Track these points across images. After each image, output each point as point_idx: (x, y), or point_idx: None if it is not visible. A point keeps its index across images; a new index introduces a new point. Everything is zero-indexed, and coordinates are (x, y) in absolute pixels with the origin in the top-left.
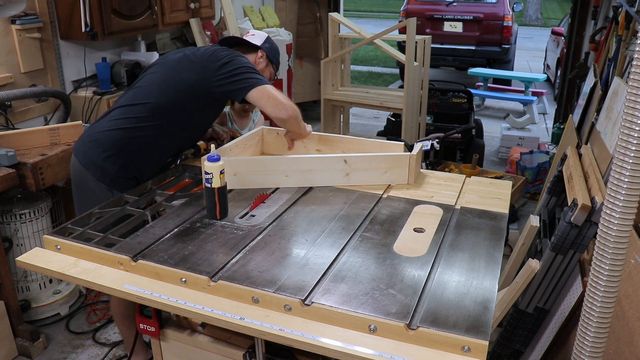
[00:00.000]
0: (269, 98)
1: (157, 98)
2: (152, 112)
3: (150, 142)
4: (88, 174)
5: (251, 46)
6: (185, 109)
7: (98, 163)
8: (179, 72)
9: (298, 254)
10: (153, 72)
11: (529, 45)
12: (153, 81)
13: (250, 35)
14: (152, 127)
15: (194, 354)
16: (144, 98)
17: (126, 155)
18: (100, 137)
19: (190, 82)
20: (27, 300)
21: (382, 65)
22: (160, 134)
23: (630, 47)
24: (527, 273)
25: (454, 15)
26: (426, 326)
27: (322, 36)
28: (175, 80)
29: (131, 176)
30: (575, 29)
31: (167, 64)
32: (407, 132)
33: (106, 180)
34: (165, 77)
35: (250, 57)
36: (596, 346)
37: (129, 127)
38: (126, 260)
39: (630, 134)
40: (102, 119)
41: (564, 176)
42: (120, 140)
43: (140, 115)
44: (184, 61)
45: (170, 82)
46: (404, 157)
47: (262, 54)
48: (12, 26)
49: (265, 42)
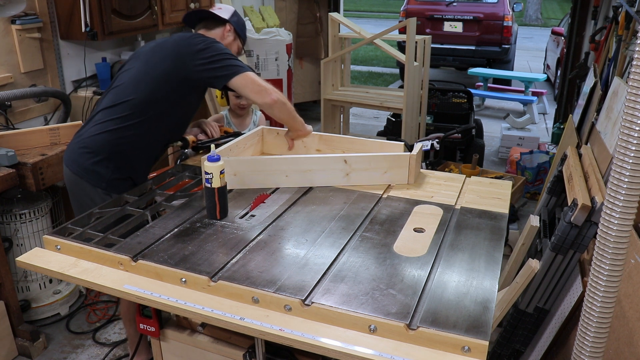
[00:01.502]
0: (253, 84)
1: (137, 94)
2: (134, 109)
3: (138, 140)
4: (83, 181)
5: (219, 20)
6: (166, 100)
7: (91, 169)
8: (154, 63)
9: (298, 254)
10: (129, 69)
11: (529, 45)
12: (131, 77)
13: (217, 9)
14: (137, 124)
15: (194, 354)
16: (124, 96)
17: (117, 157)
18: (89, 143)
19: (167, 70)
20: (27, 300)
21: (382, 65)
22: (147, 130)
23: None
24: (527, 273)
25: (454, 15)
26: (426, 326)
27: (322, 36)
28: (152, 71)
29: (126, 176)
30: (575, 29)
31: (141, 57)
32: (407, 132)
33: (102, 184)
34: (141, 70)
35: (217, 31)
36: (596, 346)
37: (114, 128)
38: (126, 260)
39: (630, 134)
40: (87, 125)
41: (564, 176)
42: (108, 143)
43: (124, 115)
44: (157, 51)
45: (147, 75)
46: (404, 157)
47: (230, 27)
48: (12, 26)
49: (232, 15)
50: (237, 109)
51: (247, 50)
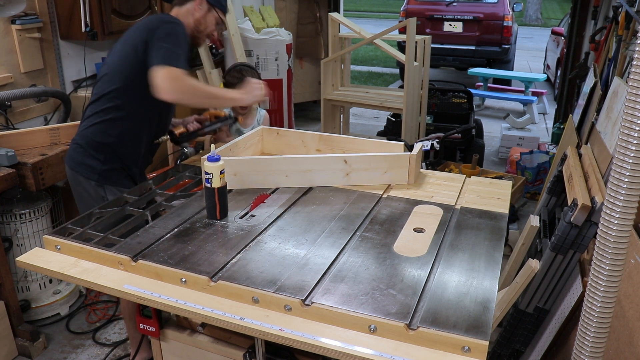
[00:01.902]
0: (163, 79)
1: (115, 84)
2: (115, 100)
3: (123, 130)
4: (77, 175)
5: None
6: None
7: (83, 162)
8: (126, 52)
9: (298, 254)
10: (107, 61)
11: (529, 45)
12: (109, 69)
13: None
14: (120, 115)
15: (194, 354)
16: (105, 88)
17: (105, 149)
18: (79, 139)
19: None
20: (27, 300)
21: (382, 65)
22: (129, 118)
23: (630, 47)
24: (527, 273)
25: (454, 15)
26: (426, 326)
27: (322, 36)
28: (125, 60)
29: (117, 167)
30: (575, 29)
31: (117, 45)
32: (407, 132)
33: (94, 176)
34: (115, 60)
35: (189, 5)
36: (596, 346)
37: (99, 121)
38: (126, 260)
39: (630, 134)
40: (81, 121)
41: (564, 176)
42: (95, 136)
43: (106, 107)
44: (128, 38)
45: (121, 64)
46: (404, 157)
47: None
48: (12, 26)
49: None
50: (239, 109)
51: (247, 50)
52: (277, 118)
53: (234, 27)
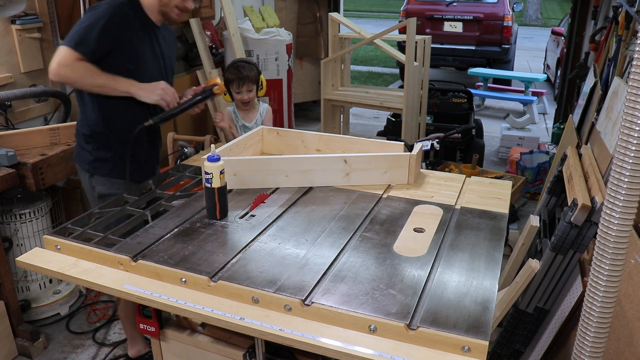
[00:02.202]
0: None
1: None
2: None
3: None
4: (77, 165)
5: None
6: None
7: (78, 154)
8: None
9: (298, 254)
10: None
11: (529, 45)
12: None
13: None
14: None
15: (194, 354)
16: None
17: (91, 139)
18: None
19: None
20: (27, 300)
21: (382, 65)
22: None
23: (630, 47)
24: (527, 273)
25: (454, 15)
26: (426, 326)
27: (322, 36)
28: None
29: (107, 157)
30: (575, 29)
31: None
32: (407, 132)
33: (85, 167)
34: None
35: None
36: (596, 346)
37: (81, 112)
38: (126, 260)
39: (630, 134)
40: None
41: (564, 176)
42: (82, 128)
43: (81, 98)
44: None
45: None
46: (404, 157)
47: None
48: (12, 26)
49: None
50: (240, 104)
51: (247, 50)
52: (277, 118)
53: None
